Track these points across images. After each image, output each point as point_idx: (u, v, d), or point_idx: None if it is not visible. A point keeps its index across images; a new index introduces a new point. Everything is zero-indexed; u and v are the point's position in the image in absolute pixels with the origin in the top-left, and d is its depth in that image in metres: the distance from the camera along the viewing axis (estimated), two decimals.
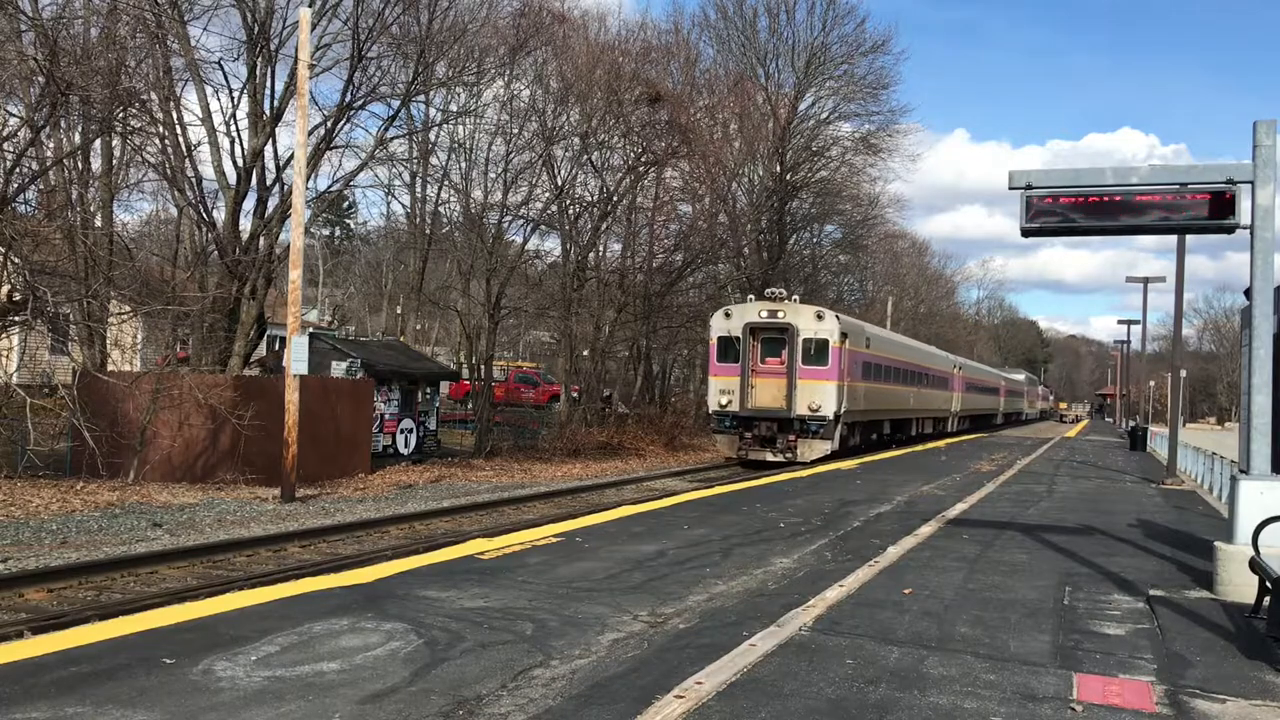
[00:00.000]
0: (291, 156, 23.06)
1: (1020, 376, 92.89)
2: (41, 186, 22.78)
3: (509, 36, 34.41)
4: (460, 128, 36.46)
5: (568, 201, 37.11)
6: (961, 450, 37.70)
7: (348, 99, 27.66)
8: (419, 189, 43.74)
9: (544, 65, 36.52)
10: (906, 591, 9.58)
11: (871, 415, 34.77)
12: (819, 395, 28.80)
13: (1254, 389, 9.56)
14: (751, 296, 31.17)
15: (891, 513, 16.25)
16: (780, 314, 29.33)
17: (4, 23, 19.33)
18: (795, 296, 31.05)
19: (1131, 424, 56.15)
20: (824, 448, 28.98)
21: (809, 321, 29.31)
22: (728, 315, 30.22)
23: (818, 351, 29.07)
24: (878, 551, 11.89)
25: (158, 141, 25.21)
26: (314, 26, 23.74)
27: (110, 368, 23.65)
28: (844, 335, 29.83)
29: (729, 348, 29.79)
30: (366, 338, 41.85)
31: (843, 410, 29.67)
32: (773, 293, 30.54)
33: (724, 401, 29.54)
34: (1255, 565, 8.75)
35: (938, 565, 11.15)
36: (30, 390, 19.72)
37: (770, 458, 29.03)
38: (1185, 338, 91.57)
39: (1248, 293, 9.97)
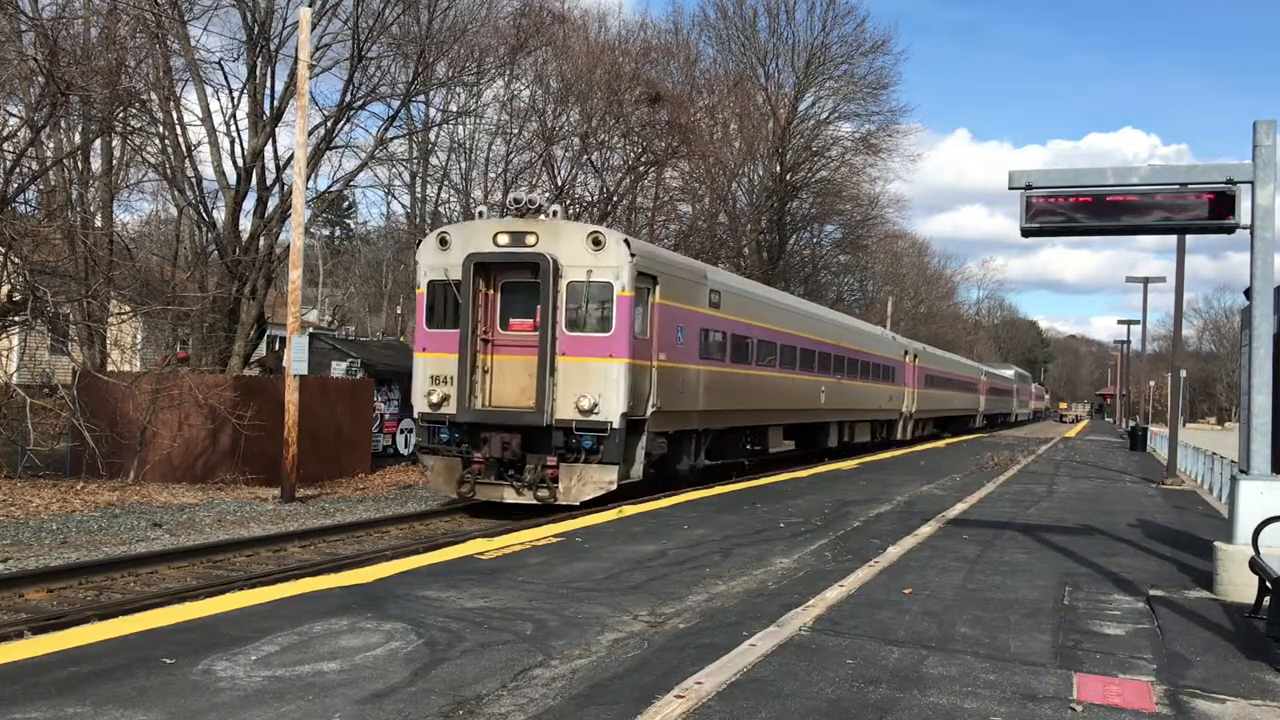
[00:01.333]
0: (291, 156, 23.08)
1: (1009, 372, 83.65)
2: (41, 186, 22.81)
3: (509, 36, 34.46)
4: (460, 128, 36.53)
5: (568, 201, 37.12)
6: (961, 451, 37.72)
7: (348, 99, 27.72)
8: (419, 189, 43.72)
9: (544, 65, 36.58)
10: (906, 591, 9.58)
11: (730, 420, 22.43)
12: (595, 384, 16.58)
13: (1254, 389, 9.57)
14: (482, 210, 18.87)
15: (891, 513, 16.25)
16: (530, 238, 16.94)
17: (4, 23, 19.34)
18: (557, 209, 17.98)
19: (1131, 424, 56.17)
20: (604, 479, 16.61)
21: (579, 251, 16.88)
22: (444, 243, 17.67)
23: (594, 306, 16.98)
24: (878, 551, 11.89)
25: (158, 141, 25.26)
26: (314, 26, 23.75)
27: (110, 368, 23.65)
28: (648, 279, 17.73)
29: (448, 301, 17.56)
30: (366, 338, 41.86)
31: (648, 410, 17.59)
32: (519, 200, 17.45)
33: (435, 398, 17.25)
34: (1255, 565, 8.75)
35: (938, 565, 11.16)
36: (30, 390, 19.74)
37: (510, 498, 16.87)
38: (1185, 338, 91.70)
39: (1248, 293, 9.98)
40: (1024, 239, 32.23)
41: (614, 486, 16.74)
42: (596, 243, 16.95)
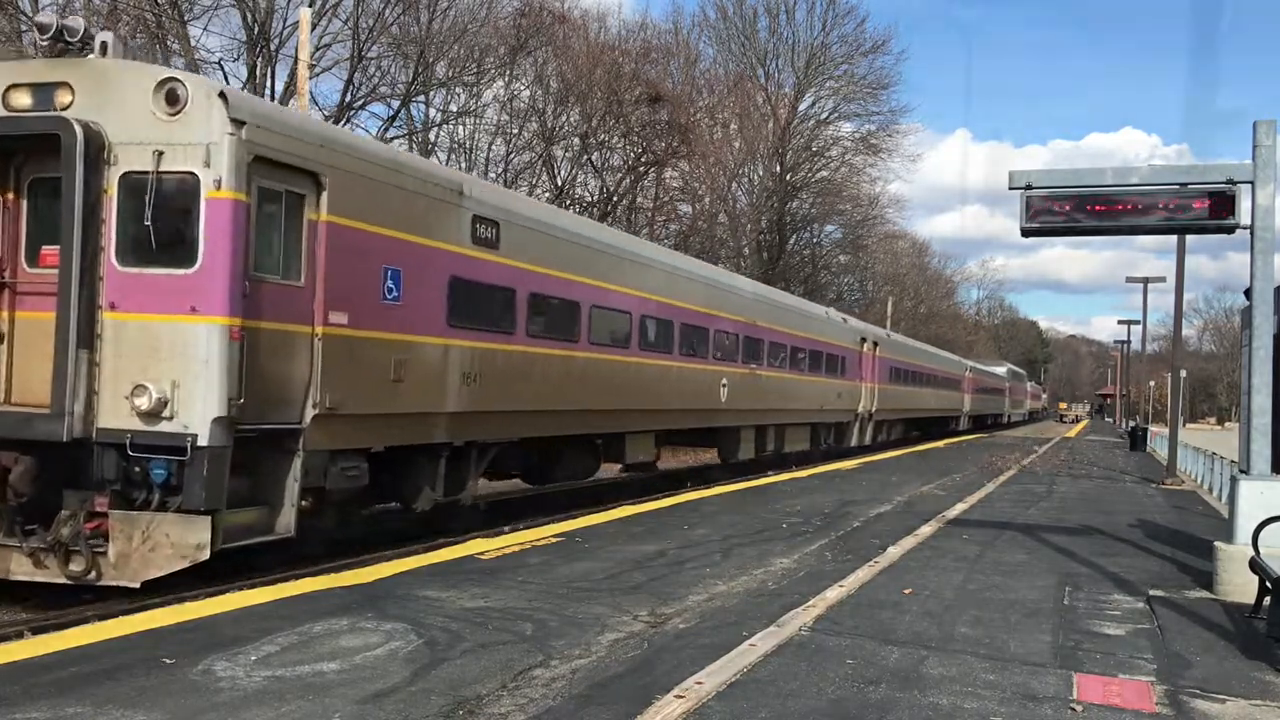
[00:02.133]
0: None
1: (1000, 369, 77.04)
2: None
3: (509, 36, 34.46)
4: (460, 128, 36.51)
5: (568, 201, 37.13)
6: (961, 451, 37.74)
7: (348, 99, 27.76)
8: None
9: (544, 65, 36.57)
10: (906, 591, 9.59)
11: (534, 425, 14.87)
12: (166, 363, 9.29)
13: (1254, 389, 9.57)
14: None
15: (891, 513, 16.25)
16: (63, 95, 9.55)
17: (4, 23, 19.35)
18: (108, 39, 10.01)
19: (1131, 424, 56.17)
20: (186, 542, 9.17)
21: (145, 117, 9.45)
22: None
23: (167, 218, 9.41)
24: (878, 551, 11.89)
25: None
26: (314, 26, 23.79)
27: None
28: (298, 176, 10.23)
29: None
30: None
31: (305, 414, 10.26)
32: (46, 26, 9.99)
33: None
34: (1255, 565, 8.75)
35: (938, 565, 11.16)
36: None
37: (21, 572, 9.51)
38: (1185, 338, 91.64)
39: (1248, 293, 9.99)
40: (1024, 239, 31.96)
41: (206, 554, 9.29)
42: (173, 100, 9.43)
